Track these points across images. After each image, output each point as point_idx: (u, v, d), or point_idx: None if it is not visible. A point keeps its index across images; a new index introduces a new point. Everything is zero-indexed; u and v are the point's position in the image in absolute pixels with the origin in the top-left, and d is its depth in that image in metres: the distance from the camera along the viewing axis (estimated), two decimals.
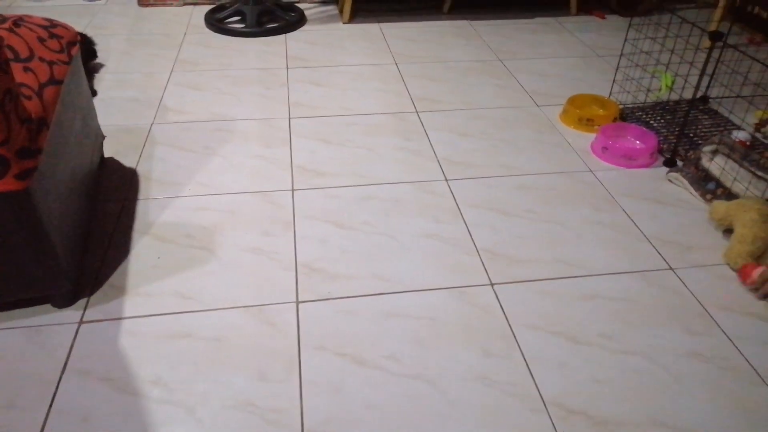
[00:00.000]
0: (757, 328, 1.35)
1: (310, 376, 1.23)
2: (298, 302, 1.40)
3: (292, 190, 1.79)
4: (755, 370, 1.25)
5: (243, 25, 2.93)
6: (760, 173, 1.72)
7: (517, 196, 1.78)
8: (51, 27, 1.50)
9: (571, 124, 2.17)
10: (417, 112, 2.24)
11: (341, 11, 3.12)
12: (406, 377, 1.23)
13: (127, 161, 1.90)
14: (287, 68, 2.56)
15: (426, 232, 1.63)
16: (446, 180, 1.85)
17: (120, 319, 1.35)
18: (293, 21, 2.99)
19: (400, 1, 3.37)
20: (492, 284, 1.47)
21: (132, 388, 1.20)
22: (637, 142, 2.02)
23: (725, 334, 1.34)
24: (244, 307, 1.39)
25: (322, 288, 1.44)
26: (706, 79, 2.32)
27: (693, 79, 2.30)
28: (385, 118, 2.19)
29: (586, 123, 2.14)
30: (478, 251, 1.57)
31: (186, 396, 1.18)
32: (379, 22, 3.08)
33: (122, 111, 2.19)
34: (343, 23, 3.06)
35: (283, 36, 2.89)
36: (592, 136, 2.08)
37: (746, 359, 1.28)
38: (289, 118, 2.17)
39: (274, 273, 1.48)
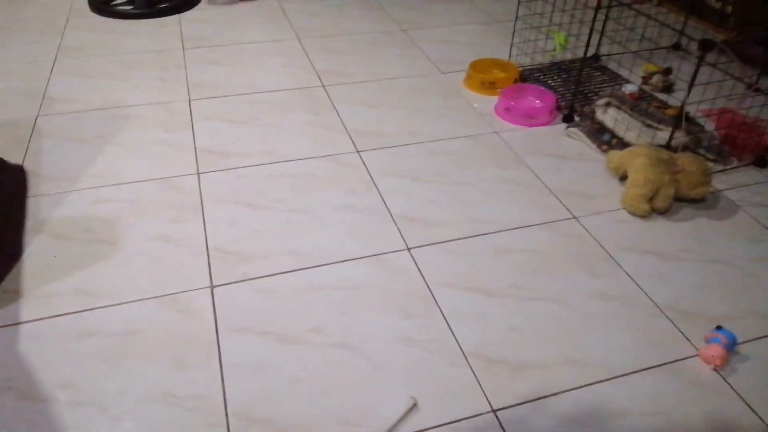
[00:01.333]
0: (654, 265, 1.45)
1: (231, 359, 1.20)
2: (212, 286, 1.36)
3: (198, 173, 1.72)
4: (654, 302, 1.35)
5: (132, 7, 2.75)
6: (648, 122, 1.83)
7: (427, 162, 1.80)
8: None
9: (474, 88, 2.22)
10: (324, 86, 2.20)
11: None
12: (330, 347, 1.22)
13: (13, 157, 1.75)
14: (184, 49, 2.44)
15: (341, 204, 1.62)
16: (357, 151, 1.85)
17: (17, 324, 1.25)
18: (184, 1, 2.84)
19: None
20: (408, 249, 1.48)
21: (37, 394, 1.12)
22: (537, 101, 2.10)
23: (626, 273, 1.43)
24: (154, 297, 1.32)
25: (237, 270, 1.40)
26: (596, 37, 2.44)
27: (586, 38, 2.41)
28: (292, 94, 2.14)
29: (488, 86, 2.19)
30: (393, 218, 1.58)
31: (98, 395, 1.12)
32: None
33: (3, 104, 2.01)
34: (240, 0, 2.94)
35: (177, 16, 2.75)
36: (495, 99, 2.14)
37: (646, 294, 1.37)
38: (189, 100, 2.07)
39: (185, 259, 1.42)
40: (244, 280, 1.37)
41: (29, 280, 1.35)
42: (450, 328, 1.28)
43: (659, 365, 1.21)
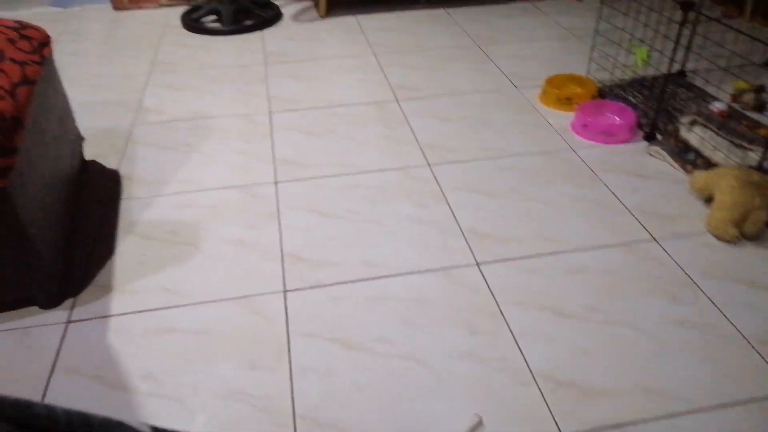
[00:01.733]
0: (742, 294, 1.36)
1: (300, 362, 1.23)
2: (285, 291, 1.40)
3: (276, 182, 1.79)
4: (741, 334, 1.27)
5: (220, 24, 2.92)
6: (738, 142, 1.74)
7: (499, 177, 1.79)
8: (21, 29, 1.48)
9: (550, 104, 2.18)
10: (398, 101, 2.24)
11: (317, 5, 3.12)
12: (395, 358, 1.23)
13: (109, 162, 1.89)
14: (266, 64, 2.55)
15: (411, 216, 1.64)
16: (429, 165, 1.86)
17: (107, 317, 1.34)
18: (269, 17, 2.98)
19: None
20: (478, 264, 1.47)
21: (122, 383, 1.20)
22: (616, 118, 2.03)
23: (711, 300, 1.35)
24: (231, 299, 1.38)
25: (310, 276, 1.44)
26: (681, 52, 2.34)
27: (669, 53, 2.32)
28: (366, 108, 2.19)
29: (565, 102, 2.15)
30: (462, 232, 1.57)
31: (176, 388, 1.18)
32: (355, 14, 3.08)
33: (102, 114, 2.17)
34: (320, 17, 3.05)
35: (260, 33, 2.88)
36: (571, 115, 2.09)
37: (732, 324, 1.29)
38: (270, 113, 2.16)
39: (260, 264, 1.48)
40: (316, 287, 1.41)
41: (119, 277, 1.45)
42: (518, 346, 1.25)
43: (745, 402, 1.13)
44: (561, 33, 2.79)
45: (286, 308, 1.36)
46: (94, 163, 1.88)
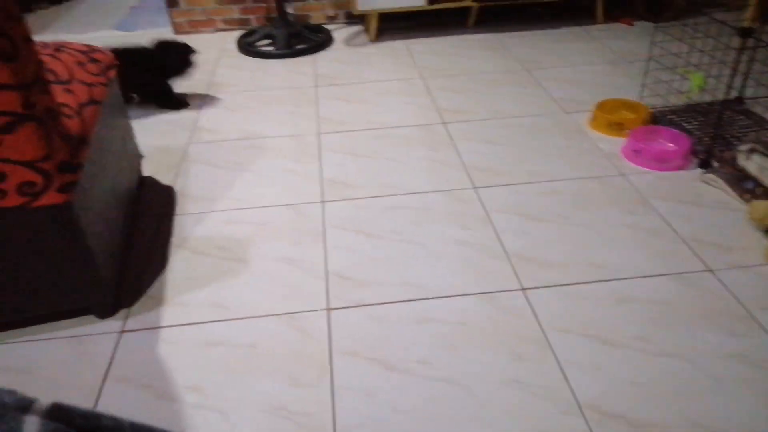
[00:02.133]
0: None
1: (341, 380, 1.24)
2: (329, 309, 1.42)
3: (323, 201, 1.82)
4: None
5: (274, 48, 3.02)
6: None
7: (546, 202, 1.77)
8: (90, 52, 1.58)
9: (600, 129, 2.15)
10: (444, 124, 2.25)
11: (367, 30, 3.18)
12: (436, 381, 1.22)
13: (165, 179, 1.97)
14: (316, 86, 2.61)
15: (455, 239, 1.64)
16: (474, 188, 1.86)
17: (158, 328, 1.39)
18: (321, 41, 3.06)
19: (425, 17, 3.42)
20: (523, 289, 1.45)
21: (170, 394, 1.23)
22: (670, 144, 1.98)
23: None
24: (276, 315, 1.41)
25: (353, 295, 1.45)
26: (739, 79, 2.27)
27: (726, 80, 2.25)
28: (413, 130, 2.21)
29: (616, 127, 2.11)
30: (508, 256, 1.56)
31: (221, 401, 1.21)
32: (404, 39, 3.13)
33: (159, 132, 2.27)
34: (370, 41, 3.12)
35: (312, 56, 2.96)
36: (622, 140, 2.06)
37: None
38: (319, 134, 2.21)
39: (305, 282, 1.50)
40: (359, 306, 1.42)
41: (170, 290, 1.50)
42: (564, 374, 1.22)
43: None
44: (612, 57, 2.76)
45: (329, 326, 1.37)
46: (150, 179, 1.96)
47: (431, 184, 1.88)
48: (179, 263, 1.59)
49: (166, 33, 3.36)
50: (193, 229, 1.72)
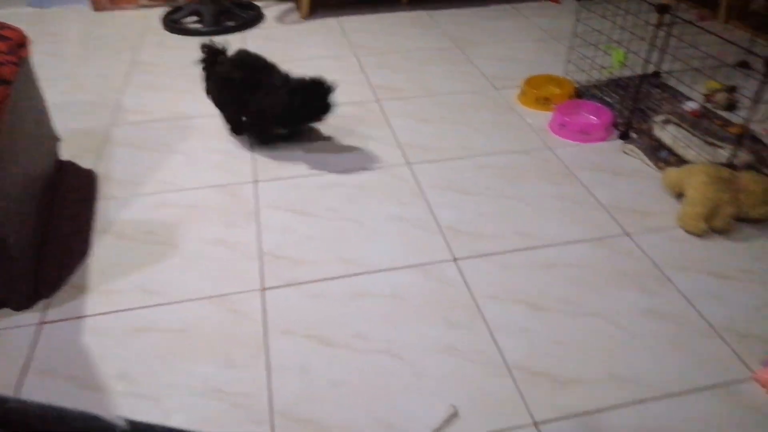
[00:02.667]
0: (710, 285, 1.39)
1: (277, 359, 1.23)
2: (263, 289, 1.41)
3: (255, 181, 1.79)
4: (709, 323, 1.30)
5: (201, 25, 2.91)
6: (710, 140, 1.78)
7: (477, 176, 1.81)
8: None
9: (529, 104, 2.21)
10: (378, 101, 2.25)
11: (299, 7, 3.13)
12: (373, 353, 1.24)
13: (85, 163, 1.88)
14: None
15: (390, 214, 1.65)
16: (408, 164, 1.87)
17: (82, 317, 1.34)
18: (251, 18, 2.98)
19: None
20: (455, 259, 1.49)
21: (97, 384, 1.19)
22: (593, 117, 2.07)
23: (680, 292, 1.38)
24: (208, 297, 1.38)
25: (288, 274, 1.45)
26: (657, 54, 2.38)
27: (645, 55, 2.36)
28: (346, 108, 2.20)
29: (543, 102, 2.18)
30: (441, 229, 1.59)
31: (152, 388, 1.18)
32: (337, 16, 3.09)
33: (79, 114, 2.16)
34: (302, 18, 3.06)
35: (241, 34, 2.88)
36: (549, 115, 2.12)
37: (700, 314, 1.32)
38: None
39: (239, 263, 1.48)
40: (294, 284, 1.42)
41: (95, 277, 1.44)
42: (494, 339, 1.27)
43: (711, 387, 1.16)
44: (540, 35, 2.83)
45: (264, 306, 1.36)
46: (70, 163, 1.87)
47: (365, 162, 1.89)
48: (104, 250, 1.53)
49: (84, 10, 3.17)
50: (118, 213, 1.65)
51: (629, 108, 2.04)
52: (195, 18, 2.99)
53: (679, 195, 1.66)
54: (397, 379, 1.19)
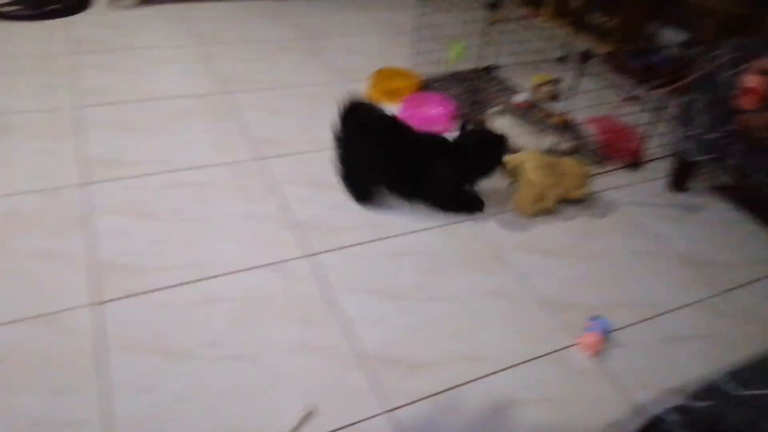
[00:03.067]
0: (540, 262, 1.54)
1: (118, 378, 1.14)
2: (99, 303, 1.29)
3: (85, 184, 1.63)
4: (541, 297, 1.43)
5: (20, 9, 2.58)
6: (537, 129, 1.95)
7: (329, 169, 1.81)
8: None
9: (378, 96, 2.26)
10: (225, 94, 2.16)
11: None
12: (227, 359, 1.20)
13: None
14: (75, 54, 2.31)
15: (242, 213, 1.60)
16: (260, 159, 1.83)
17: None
18: (76, 3, 2.70)
19: None
20: (310, 255, 1.49)
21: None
22: (438, 108, 2.17)
23: (515, 270, 1.51)
24: (29, 318, 1.24)
25: (129, 284, 1.35)
26: (491, 48, 2.56)
27: (484, 51, 2.52)
28: (191, 101, 2.09)
29: (392, 94, 2.24)
30: (295, 225, 1.58)
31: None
32: (177, 3, 2.91)
33: None
34: (137, 4, 2.84)
35: (67, 19, 2.60)
36: (398, 106, 2.19)
37: (533, 289, 1.45)
38: (78, 107, 1.97)
39: (68, 275, 1.35)
40: (135, 295, 1.32)
41: None
42: (350, 331, 1.29)
43: (544, 355, 1.28)
44: (387, 28, 2.90)
45: (99, 322, 1.25)
46: None
47: (214, 158, 1.81)
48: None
49: None
50: None
51: (469, 100, 2.17)
52: (13, 1, 2.63)
53: (516, 180, 1.81)
54: (252, 383, 1.16)
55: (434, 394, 1.17)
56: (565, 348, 1.31)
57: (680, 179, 1.88)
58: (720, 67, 1.64)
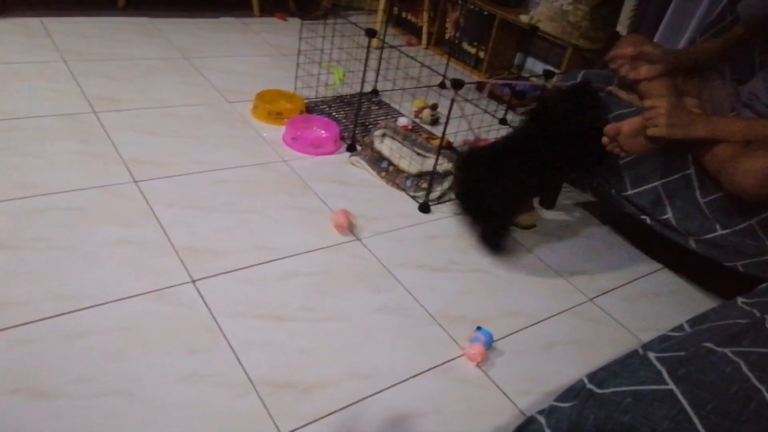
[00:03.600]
0: (426, 278, 1.60)
1: None
2: None
3: None
4: (427, 311, 1.48)
5: None
6: (418, 151, 2.04)
7: (213, 191, 1.76)
8: None
9: (261, 118, 2.24)
10: (95, 113, 2.02)
11: None
12: (99, 396, 1.10)
13: None
14: None
15: (116, 238, 1.50)
16: (135, 181, 1.73)
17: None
18: None
19: None
20: (193, 281, 1.42)
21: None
22: (322, 131, 2.19)
23: (403, 287, 1.55)
24: None
25: None
26: (373, 75, 2.65)
27: (367, 75, 2.60)
28: (56, 121, 1.93)
29: (275, 116, 2.23)
30: (176, 250, 1.50)
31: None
32: (40, 16, 2.69)
33: None
34: None
35: None
36: (282, 128, 2.18)
37: (420, 304, 1.50)
38: None
39: None
40: None
41: None
42: (237, 358, 1.25)
43: (433, 368, 1.33)
44: (269, 50, 2.89)
45: None
46: None
47: (84, 181, 1.68)
48: None
49: None
50: None
51: (353, 123, 2.22)
52: None
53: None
54: (131, 418, 1.08)
55: (329, 414, 1.17)
56: (452, 360, 1.36)
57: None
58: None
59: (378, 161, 2.04)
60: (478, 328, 1.41)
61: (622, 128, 1.48)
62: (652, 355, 0.91)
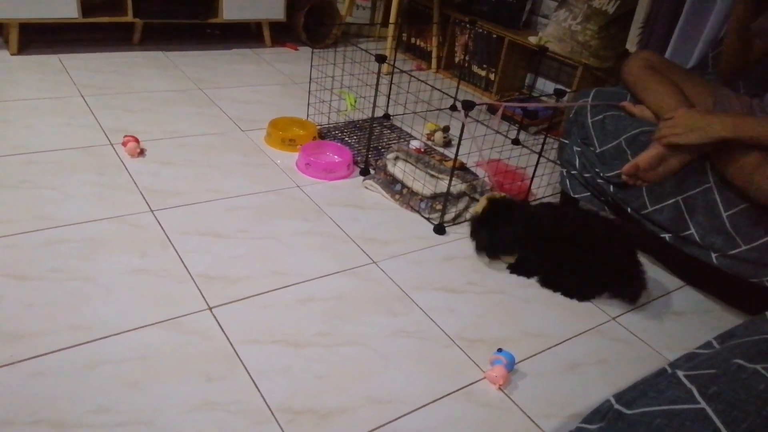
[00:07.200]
0: (444, 300, 1.58)
1: None
2: None
3: None
4: (446, 334, 1.46)
5: None
6: (431, 173, 2.03)
7: (228, 218, 1.77)
8: None
9: (275, 145, 2.25)
10: (112, 145, 2.06)
11: (7, 41, 2.71)
12: (118, 426, 1.09)
13: None
14: None
15: (132, 268, 1.50)
16: (151, 211, 1.74)
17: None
18: None
19: (81, 31, 3.08)
20: (210, 308, 1.41)
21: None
22: (335, 156, 2.20)
23: (421, 309, 1.53)
24: None
25: (2, 353, 1.20)
26: (384, 99, 2.67)
27: (379, 100, 2.62)
28: (74, 154, 1.96)
29: (289, 143, 2.24)
30: (192, 278, 1.50)
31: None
32: (57, 53, 2.76)
33: None
34: (11, 54, 2.66)
35: None
36: (295, 155, 2.20)
37: (439, 326, 1.48)
38: None
39: None
40: (11, 364, 1.18)
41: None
42: (255, 385, 1.23)
43: (454, 392, 1.30)
44: (281, 79, 2.93)
45: None
46: None
47: (101, 212, 1.69)
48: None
49: None
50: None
51: (366, 147, 2.22)
52: None
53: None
54: None
55: None
56: (473, 383, 1.33)
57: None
58: (581, 112, 1.82)
59: (391, 184, 2.03)
60: (499, 350, 1.38)
61: (639, 163, 1.47)
62: (680, 374, 0.88)
